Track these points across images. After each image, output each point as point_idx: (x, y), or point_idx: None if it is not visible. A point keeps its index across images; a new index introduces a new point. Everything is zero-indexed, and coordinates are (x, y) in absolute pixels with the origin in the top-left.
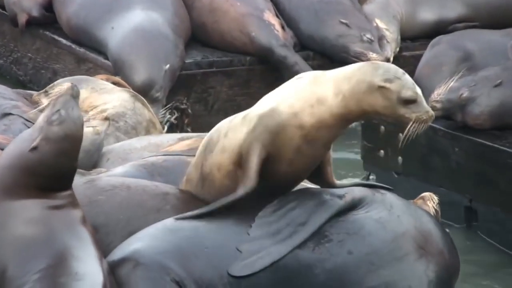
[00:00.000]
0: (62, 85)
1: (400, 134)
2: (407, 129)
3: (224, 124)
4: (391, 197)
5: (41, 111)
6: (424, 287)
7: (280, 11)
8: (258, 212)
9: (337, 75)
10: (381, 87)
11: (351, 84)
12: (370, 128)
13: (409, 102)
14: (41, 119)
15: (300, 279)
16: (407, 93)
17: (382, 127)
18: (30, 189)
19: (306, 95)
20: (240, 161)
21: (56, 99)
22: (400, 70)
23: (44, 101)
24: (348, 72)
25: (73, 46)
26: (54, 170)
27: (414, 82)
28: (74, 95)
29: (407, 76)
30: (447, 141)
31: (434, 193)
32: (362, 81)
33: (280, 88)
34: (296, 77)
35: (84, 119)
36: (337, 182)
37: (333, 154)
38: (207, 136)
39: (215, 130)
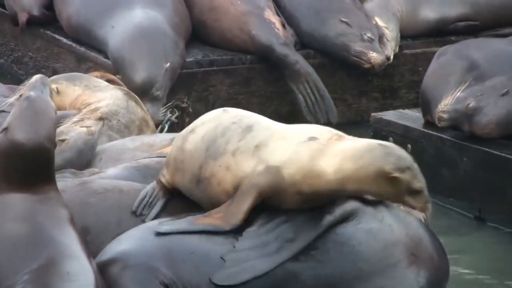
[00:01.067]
0: (34, 76)
1: (409, 145)
2: None
3: (230, 132)
4: (382, 208)
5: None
6: None
7: (280, 9)
8: (251, 222)
9: (345, 151)
10: (390, 176)
11: (358, 165)
12: (379, 137)
13: (415, 192)
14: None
15: (287, 287)
16: (417, 185)
17: (391, 138)
18: (11, 181)
19: (308, 167)
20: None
21: (26, 86)
22: (410, 159)
23: None
24: (357, 151)
25: (74, 45)
26: (25, 150)
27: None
28: (42, 81)
29: (416, 165)
30: (455, 151)
31: (443, 202)
32: (370, 165)
33: (295, 136)
34: (315, 127)
35: (78, 118)
36: None
37: None
38: (207, 128)
39: (221, 132)
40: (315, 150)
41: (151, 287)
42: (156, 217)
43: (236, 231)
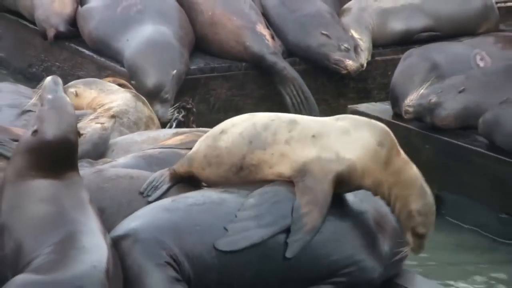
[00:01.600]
0: (45, 79)
1: None
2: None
3: (274, 126)
4: None
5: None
6: (380, 258)
7: (270, 23)
8: (248, 197)
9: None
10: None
11: (401, 191)
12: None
13: (417, 235)
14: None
15: (276, 254)
16: (421, 230)
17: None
18: (39, 170)
19: (380, 165)
20: (300, 173)
21: (42, 89)
22: (433, 207)
23: None
24: (408, 182)
25: (94, 56)
26: (54, 145)
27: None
28: (54, 82)
29: (433, 216)
30: (419, 140)
31: None
32: (413, 195)
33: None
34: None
35: (94, 116)
36: None
37: None
38: (243, 127)
39: (262, 127)
40: (389, 150)
41: (158, 258)
42: (159, 198)
43: (236, 204)
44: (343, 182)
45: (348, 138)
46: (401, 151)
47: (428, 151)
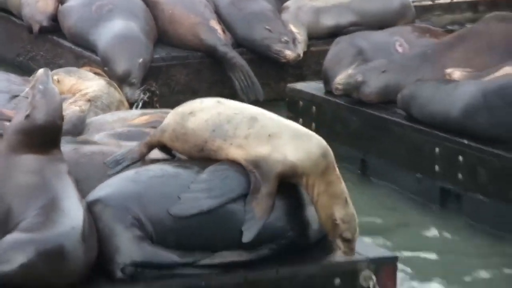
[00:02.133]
0: (38, 71)
1: (314, 107)
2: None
3: (236, 120)
4: None
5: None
6: (312, 224)
7: (221, 20)
8: (202, 172)
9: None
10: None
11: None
12: (293, 102)
13: (345, 239)
14: (29, 95)
15: (224, 221)
16: (347, 235)
17: (301, 102)
18: (28, 147)
19: (318, 167)
20: (252, 165)
21: (35, 80)
22: (354, 216)
23: None
24: (335, 193)
25: (72, 47)
26: (43, 129)
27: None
28: (45, 74)
29: (355, 222)
30: (347, 113)
31: (338, 150)
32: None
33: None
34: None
35: (73, 100)
36: None
37: None
38: (209, 114)
39: (225, 119)
40: (328, 163)
41: (125, 221)
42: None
43: (191, 177)
44: (286, 178)
45: (297, 143)
46: (336, 168)
47: (355, 123)
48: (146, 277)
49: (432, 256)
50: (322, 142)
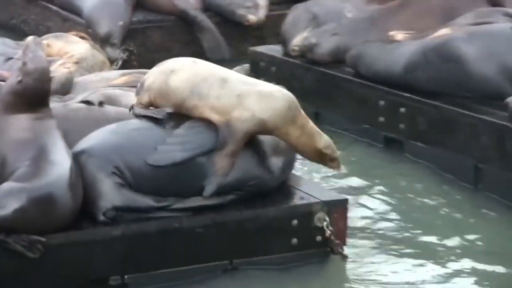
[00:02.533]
0: (27, 39)
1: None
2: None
3: (210, 81)
4: None
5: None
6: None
7: None
8: (177, 127)
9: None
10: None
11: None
12: (254, 63)
13: (333, 159)
14: (19, 62)
15: (196, 169)
16: (334, 155)
17: (262, 63)
18: (21, 107)
19: (286, 120)
20: (223, 124)
21: (24, 48)
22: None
23: None
24: (310, 131)
25: (60, 11)
26: (34, 92)
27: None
28: (35, 42)
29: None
30: (302, 71)
31: None
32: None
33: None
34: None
35: (61, 62)
36: None
37: None
38: (188, 73)
39: (202, 79)
40: (295, 112)
41: (106, 170)
42: None
43: (168, 132)
44: (257, 133)
45: (264, 101)
46: (302, 111)
47: (309, 80)
48: (125, 220)
49: (379, 196)
50: (286, 94)
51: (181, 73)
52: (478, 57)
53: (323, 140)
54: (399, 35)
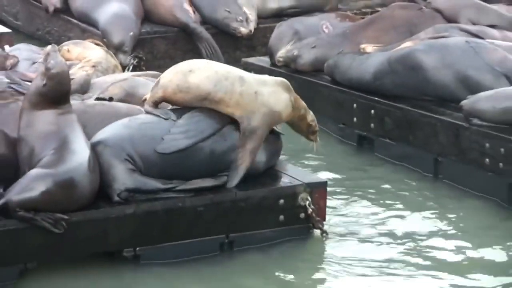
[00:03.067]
0: (47, 47)
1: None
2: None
3: (230, 79)
4: None
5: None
6: (262, 158)
7: (192, 2)
8: (179, 119)
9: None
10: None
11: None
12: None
13: (314, 132)
14: (42, 67)
15: (197, 155)
16: (315, 128)
17: (253, 72)
18: (46, 104)
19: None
20: (245, 120)
21: (46, 55)
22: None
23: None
24: (303, 109)
25: (79, 23)
26: (57, 92)
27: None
28: (53, 50)
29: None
30: (287, 78)
31: None
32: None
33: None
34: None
35: (80, 65)
36: None
37: None
38: (208, 72)
39: (223, 77)
40: (295, 101)
41: (120, 157)
42: None
43: (172, 123)
44: (274, 125)
45: (276, 96)
46: (295, 94)
47: (293, 86)
48: (137, 200)
49: (353, 183)
50: (290, 89)
51: (199, 72)
52: (436, 66)
53: (310, 115)
54: (369, 47)
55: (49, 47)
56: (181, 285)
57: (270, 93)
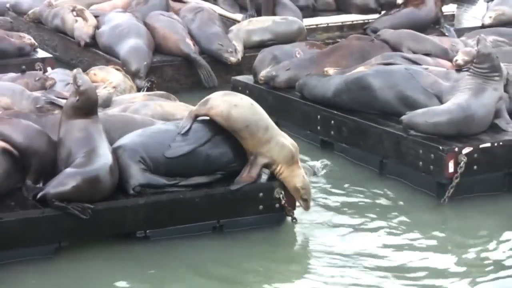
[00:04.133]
0: (73, 71)
1: (247, 90)
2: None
3: (262, 123)
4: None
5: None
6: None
7: (192, 37)
8: (183, 129)
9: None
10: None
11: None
12: (235, 87)
13: (304, 200)
14: (73, 87)
15: (195, 157)
16: (305, 197)
17: (239, 87)
18: (78, 115)
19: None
20: (253, 156)
21: (73, 77)
22: (309, 185)
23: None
24: (297, 173)
25: (104, 54)
26: (87, 105)
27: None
28: (78, 72)
29: (309, 189)
30: (266, 94)
31: None
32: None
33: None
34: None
35: (103, 87)
36: None
37: None
38: (250, 111)
39: (259, 119)
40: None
41: (135, 159)
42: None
43: (176, 133)
44: (268, 165)
45: (281, 150)
46: (299, 161)
47: (271, 100)
48: (147, 193)
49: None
50: (294, 145)
51: (241, 110)
52: (382, 87)
53: (303, 183)
54: (331, 70)
55: (74, 70)
56: (182, 255)
57: (279, 147)
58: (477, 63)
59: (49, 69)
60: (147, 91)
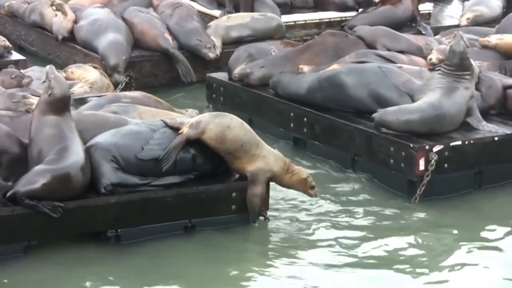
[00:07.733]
0: (46, 67)
1: (222, 87)
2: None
3: (253, 142)
4: None
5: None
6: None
7: (170, 32)
8: (155, 133)
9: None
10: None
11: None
12: (210, 84)
13: (312, 187)
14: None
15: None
16: (312, 184)
17: (214, 84)
18: (51, 112)
19: (285, 168)
20: (250, 174)
21: (45, 73)
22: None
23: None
24: (297, 174)
25: (82, 49)
26: (59, 101)
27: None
28: (52, 68)
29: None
30: (241, 91)
31: (236, 114)
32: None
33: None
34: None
35: (80, 85)
36: None
37: None
38: (242, 132)
39: (249, 139)
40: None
41: (107, 158)
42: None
43: (149, 135)
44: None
45: (275, 159)
46: (292, 164)
47: (245, 97)
48: (119, 192)
49: None
50: (282, 157)
51: (235, 131)
52: (354, 85)
53: (305, 172)
54: (304, 68)
55: (47, 67)
56: (153, 254)
57: (274, 158)
58: (447, 60)
59: (22, 71)
60: (125, 86)
